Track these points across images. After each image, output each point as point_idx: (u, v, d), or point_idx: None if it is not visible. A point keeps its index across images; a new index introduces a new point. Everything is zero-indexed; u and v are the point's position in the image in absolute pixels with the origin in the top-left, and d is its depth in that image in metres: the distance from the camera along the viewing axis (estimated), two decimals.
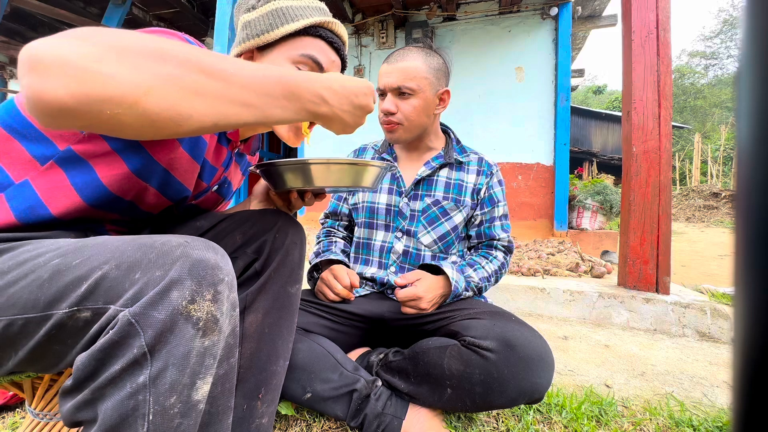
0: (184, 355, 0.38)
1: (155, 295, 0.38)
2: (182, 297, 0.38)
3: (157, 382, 0.37)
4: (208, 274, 0.41)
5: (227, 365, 0.46)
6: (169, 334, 0.38)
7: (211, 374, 0.41)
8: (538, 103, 3.83)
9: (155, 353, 0.37)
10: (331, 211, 1.17)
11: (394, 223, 1.03)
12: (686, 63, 28.73)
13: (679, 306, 1.62)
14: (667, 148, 1.80)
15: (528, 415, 0.88)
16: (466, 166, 1.05)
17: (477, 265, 1.00)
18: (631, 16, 1.85)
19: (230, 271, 0.44)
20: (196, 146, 0.60)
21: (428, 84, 0.94)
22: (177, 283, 0.39)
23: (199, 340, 0.39)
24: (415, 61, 0.94)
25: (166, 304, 0.38)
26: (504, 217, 1.06)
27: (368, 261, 1.06)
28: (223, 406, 0.46)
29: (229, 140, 0.70)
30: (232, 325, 0.45)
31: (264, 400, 0.65)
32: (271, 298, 0.67)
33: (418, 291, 0.88)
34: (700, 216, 9.51)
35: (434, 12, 4.08)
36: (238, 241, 0.68)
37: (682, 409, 0.94)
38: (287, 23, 0.63)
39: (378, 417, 0.77)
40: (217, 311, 0.41)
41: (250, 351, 0.65)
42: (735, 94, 0.15)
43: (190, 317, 0.39)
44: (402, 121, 0.96)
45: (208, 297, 0.40)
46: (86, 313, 0.39)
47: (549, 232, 3.78)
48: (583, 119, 13.70)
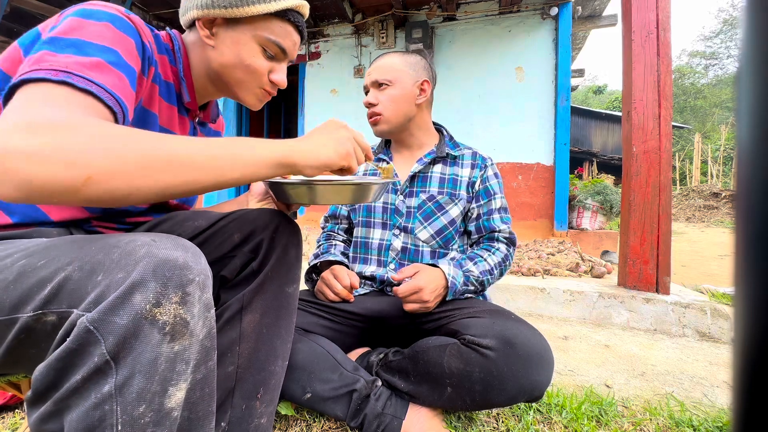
0: (151, 362, 0.36)
1: (116, 299, 0.36)
2: (146, 300, 0.36)
3: (123, 390, 0.35)
4: (175, 275, 0.39)
5: (205, 369, 0.44)
6: (133, 340, 0.36)
7: (185, 380, 0.40)
8: (538, 103, 3.82)
9: (120, 361, 0.35)
10: (331, 213, 1.18)
11: (392, 221, 1.04)
12: (686, 63, 28.72)
13: (679, 306, 1.62)
14: (667, 148, 1.80)
15: (528, 415, 0.88)
16: (460, 160, 1.06)
17: (478, 258, 0.97)
18: (631, 16, 1.85)
19: (202, 271, 0.42)
20: (145, 121, 0.60)
21: (405, 74, 1.00)
22: (140, 285, 0.37)
23: (168, 345, 0.38)
24: (391, 58, 1.02)
25: (128, 309, 0.36)
26: (503, 210, 1.05)
27: (367, 259, 1.06)
28: (204, 411, 0.44)
29: (189, 110, 0.70)
30: (208, 328, 0.43)
31: (263, 400, 0.64)
32: (269, 298, 0.67)
33: (418, 282, 0.86)
34: (700, 216, 9.51)
35: (434, 12, 4.07)
36: (236, 239, 0.68)
37: (682, 409, 0.94)
38: (263, 3, 0.62)
39: (378, 417, 0.77)
40: (187, 314, 0.39)
41: (249, 351, 0.64)
42: (735, 94, 0.15)
43: (155, 321, 0.37)
44: (382, 111, 1.00)
45: (175, 299, 0.38)
46: (52, 317, 0.38)
47: (549, 232, 3.78)
48: (583, 119, 13.70)
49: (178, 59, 0.65)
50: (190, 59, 0.67)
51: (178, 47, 0.66)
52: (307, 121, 4.64)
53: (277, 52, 0.66)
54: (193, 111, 0.71)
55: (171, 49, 0.65)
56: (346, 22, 4.40)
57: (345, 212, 1.16)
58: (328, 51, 4.57)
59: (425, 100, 1.03)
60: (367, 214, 1.07)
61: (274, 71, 0.68)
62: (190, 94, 0.68)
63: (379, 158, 1.10)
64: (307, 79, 4.65)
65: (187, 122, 0.70)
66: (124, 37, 0.51)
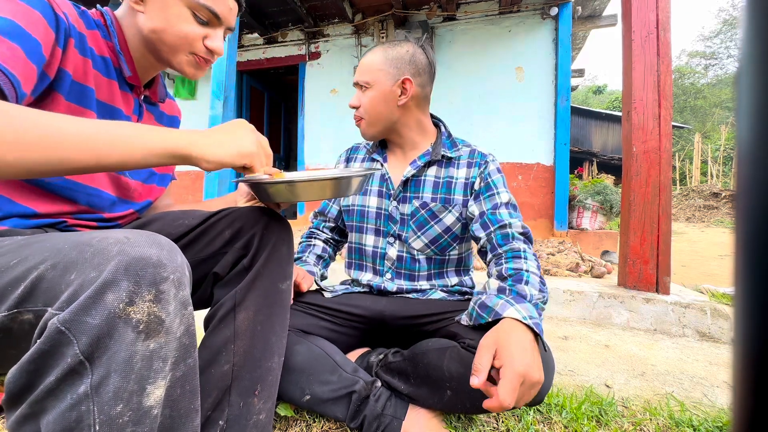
0: (126, 361, 0.36)
1: (87, 299, 0.36)
2: (118, 299, 0.36)
3: (100, 390, 0.35)
4: (148, 273, 0.39)
5: (185, 366, 0.43)
6: (108, 340, 0.36)
7: (163, 377, 0.40)
8: (538, 103, 3.83)
9: (95, 361, 0.35)
10: (320, 210, 1.17)
11: (385, 228, 1.01)
12: (686, 63, 28.73)
13: (679, 306, 1.62)
14: (667, 148, 1.80)
15: (528, 415, 0.88)
16: (456, 161, 0.98)
17: (520, 274, 0.77)
18: (631, 16, 1.85)
19: (178, 268, 0.42)
20: (81, 95, 0.59)
21: (384, 75, 0.93)
22: (112, 284, 0.36)
23: (143, 343, 0.37)
24: (373, 55, 0.95)
25: (101, 308, 0.36)
26: (510, 205, 0.91)
27: (362, 266, 1.05)
28: (186, 408, 0.44)
29: (132, 86, 0.69)
30: (186, 325, 0.43)
31: (260, 397, 0.65)
32: (262, 295, 0.67)
33: (508, 402, 0.57)
34: (700, 216, 9.51)
35: (434, 12, 4.08)
36: (226, 236, 0.68)
37: (682, 409, 0.94)
38: None
39: (377, 418, 0.77)
40: (162, 312, 0.39)
41: (244, 348, 0.64)
42: (735, 94, 0.15)
43: (129, 320, 0.37)
44: (363, 114, 0.96)
45: (148, 297, 0.38)
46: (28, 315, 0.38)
47: (549, 232, 3.78)
48: (583, 119, 13.69)
49: (113, 33, 0.65)
50: (125, 33, 0.66)
51: (111, 22, 0.65)
52: (307, 121, 4.64)
53: (210, 18, 0.65)
54: (137, 87, 0.70)
55: (104, 25, 0.65)
56: (346, 22, 4.40)
57: (335, 211, 1.13)
58: (328, 51, 4.57)
59: (410, 100, 0.94)
60: (360, 219, 1.04)
61: (209, 37, 0.66)
62: (130, 68, 0.67)
63: (372, 158, 1.06)
64: (307, 79, 4.65)
65: (131, 99, 0.69)
66: (27, 9, 0.50)
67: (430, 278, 1.01)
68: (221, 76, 2.39)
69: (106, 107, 0.64)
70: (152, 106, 0.78)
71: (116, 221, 0.71)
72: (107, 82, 0.64)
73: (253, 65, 4.92)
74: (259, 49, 4.86)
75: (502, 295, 0.75)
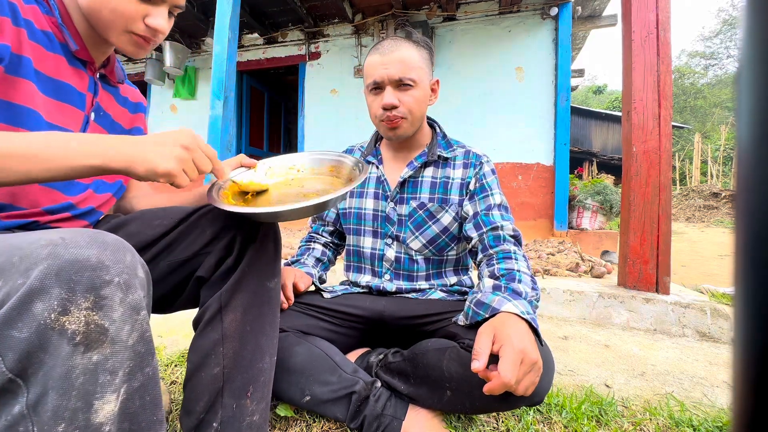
0: (63, 376, 0.33)
1: (11, 309, 0.32)
2: (49, 308, 0.33)
3: (38, 409, 0.32)
4: (85, 278, 0.35)
5: (142, 376, 0.40)
6: (41, 354, 0.33)
7: (113, 391, 0.36)
8: (538, 103, 3.83)
9: (29, 378, 0.32)
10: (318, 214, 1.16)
11: (383, 229, 1.01)
12: (686, 63, 28.74)
13: (679, 306, 1.62)
14: (667, 148, 1.80)
15: (528, 415, 0.88)
16: (452, 161, 0.99)
17: (513, 273, 0.80)
18: (631, 16, 1.85)
19: (125, 269, 0.39)
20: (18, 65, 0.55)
21: (424, 74, 0.92)
22: (39, 291, 0.33)
23: (83, 356, 0.34)
24: (409, 51, 0.90)
25: (28, 320, 0.32)
26: (503, 207, 0.94)
27: (361, 268, 1.05)
28: (148, 421, 0.41)
29: (85, 62, 0.66)
30: (139, 331, 0.39)
31: (253, 398, 0.64)
32: (249, 295, 0.65)
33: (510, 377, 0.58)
34: (700, 216, 9.51)
35: (434, 12, 4.08)
36: (207, 235, 0.65)
37: (682, 409, 0.94)
38: None
39: (377, 418, 0.77)
40: (104, 319, 0.36)
41: (233, 350, 0.63)
42: (735, 94, 0.15)
43: (64, 331, 0.33)
44: (406, 114, 0.90)
45: (85, 305, 0.35)
46: None
47: (549, 232, 3.78)
48: (583, 119, 13.70)
49: (53, 7, 0.62)
50: (67, 7, 0.64)
51: None
52: (307, 121, 4.64)
53: None
54: (90, 63, 0.67)
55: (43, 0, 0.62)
56: (346, 22, 4.40)
57: (332, 216, 1.13)
58: (328, 51, 4.57)
59: (434, 101, 0.98)
60: (358, 222, 1.04)
61: (151, 15, 0.62)
62: (76, 42, 0.64)
63: (367, 160, 1.04)
64: (307, 79, 4.66)
65: (85, 76, 0.66)
66: None
67: (428, 278, 1.01)
68: (221, 75, 2.39)
69: (52, 81, 0.61)
70: (112, 87, 0.74)
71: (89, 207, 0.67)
72: (53, 57, 0.61)
73: (253, 65, 4.92)
74: (259, 49, 4.86)
75: (497, 292, 0.77)
